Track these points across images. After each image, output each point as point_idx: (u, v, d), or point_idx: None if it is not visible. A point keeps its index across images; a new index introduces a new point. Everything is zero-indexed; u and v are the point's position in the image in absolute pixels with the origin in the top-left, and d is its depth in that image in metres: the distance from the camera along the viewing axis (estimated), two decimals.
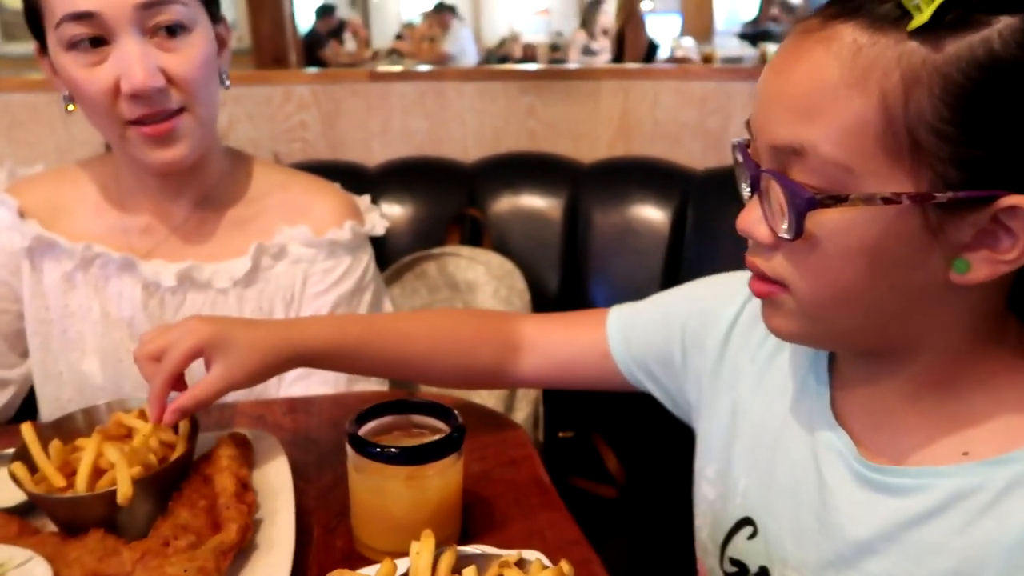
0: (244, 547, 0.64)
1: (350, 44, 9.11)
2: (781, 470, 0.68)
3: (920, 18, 0.48)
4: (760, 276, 0.60)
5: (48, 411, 1.03)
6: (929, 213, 0.51)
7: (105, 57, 0.89)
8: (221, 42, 1.00)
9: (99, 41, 0.89)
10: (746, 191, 0.60)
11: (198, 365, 0.75)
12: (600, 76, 1.64)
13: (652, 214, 1.49)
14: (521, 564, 0.54)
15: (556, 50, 9.05)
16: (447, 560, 0.53)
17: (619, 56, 5.71)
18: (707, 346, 0.79)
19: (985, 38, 0.48)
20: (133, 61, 0.88)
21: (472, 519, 0.75)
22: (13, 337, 1.02)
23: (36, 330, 1.01)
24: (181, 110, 0.93)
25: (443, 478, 0.68)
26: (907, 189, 0.51)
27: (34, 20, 0.93)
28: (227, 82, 1.02)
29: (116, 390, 0.98)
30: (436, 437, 0.69)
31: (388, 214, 1.44)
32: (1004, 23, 0.48)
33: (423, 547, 0.54)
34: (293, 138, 1.64)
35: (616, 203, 1.51)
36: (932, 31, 0.49)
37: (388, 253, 1.42)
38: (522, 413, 1.33)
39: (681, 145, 1.60)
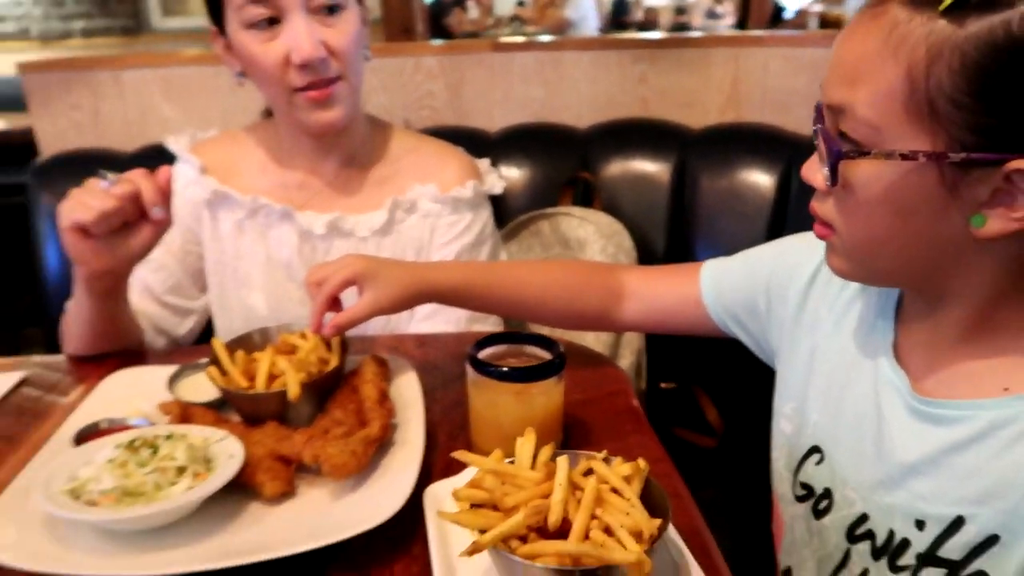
0: (383, 442, 0.79)
1: (473, 12, 9.27)
2: (848, 403, 0.77)
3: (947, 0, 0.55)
4: (819, 220, 0.69)
5: (222, 337, 1.23)
6: (945, 171, 0.58)
7: (277, 34, 1.05)
8: (363, 20, 1.15)
9: (273, 21, 1.05)
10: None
11: (350, 294, 0.90)
12: (711, 44, 1.69)
13: (758, 178, 1.54)
14: (607, 462, 0.66)
15: (680, 14, 8.85)
16: (546, 452, 0.66)
17: (743, 20, 5.57)
18: (789, 296, 0.88)
19: (1005, 20, 0.54)
20: (302, 36, 1.04)
21: (571, 437, 0.87)
22: (196, 274, 1.22)
23: (213, 270, 1.21)
24: (338, 78, 1.08)
25: (546, 396, 0.81)
26: (925, 148, 0.58)
27: (215, 5, 1.10)
28: (368, 55, 1.17)
29: (276, 320, 1.16)
30: (541, 362, 0.82)
31: (506, 176, 1.57)
32: None
33: (526, 441, 0.66)
34: (422, 106, 1.79)
35: (723, 168, 1.57)
36: (960, 11, 0.55)
37: (506, 212, 1.55)
38: (625, 361, 1.44)
39: (790, 112, 1.63)
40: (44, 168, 1.64)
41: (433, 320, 1.17)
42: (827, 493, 0.79)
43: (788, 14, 6.14)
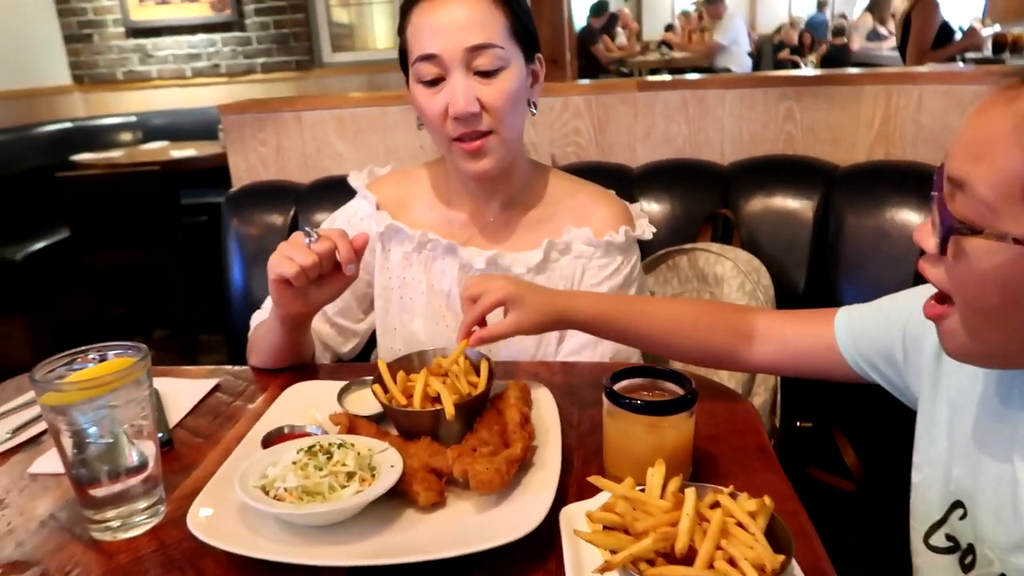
0: (524, 462, 0.87)
1: (621, 38, 9.33)
2: (986, 462, 0.77)
3: None
4: (933, 297, 0.71)
5: (384, 357, 1.35)
6: None
7: (441, 89, 1.17)
8: (535, 77, 1.25)
9: (440, 79, 1.17)
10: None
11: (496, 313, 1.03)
12: (862, 81, 1.67)
13: (908, 217, 1.51)
14: (733, 496, 0.70)
15: (839, 35, 8.52)
16: (675, 483, 0.71)
17: (903, 42, 5.29)
18: (925, 346, 0.88)
19: None
20: (459, 92, 1.15)
21: (700, 470, 0.91)
22: (361, 299, 1.36)
23: (381, 295, 1.34)
24: (489, 132, 1.19)
25: (677, 430, 0.85)
26: None
27: (403, 60, 1.24)
28: (534, 111, 1.26)
29: (433, 344, 1.27)
30: (673, 397, 0.86)
31: (647, 210, 1.62)
32: None
33: (657, 471, 0.72)
34: (568, 142, 1.88)
35: (870, 206, 1.55)
36: None
37: (646, 246, 1.58)
38: (759, 399, 1.44)
39: (945, 150, 1.58)
40: (235, 197, 1.86)
41: (580, 355, 1.24)
42: (971, 549, 0.79)
43: (958, 35, 5.78)
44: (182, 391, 1.16)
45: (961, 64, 4.35)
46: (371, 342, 1.39)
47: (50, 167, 3.71)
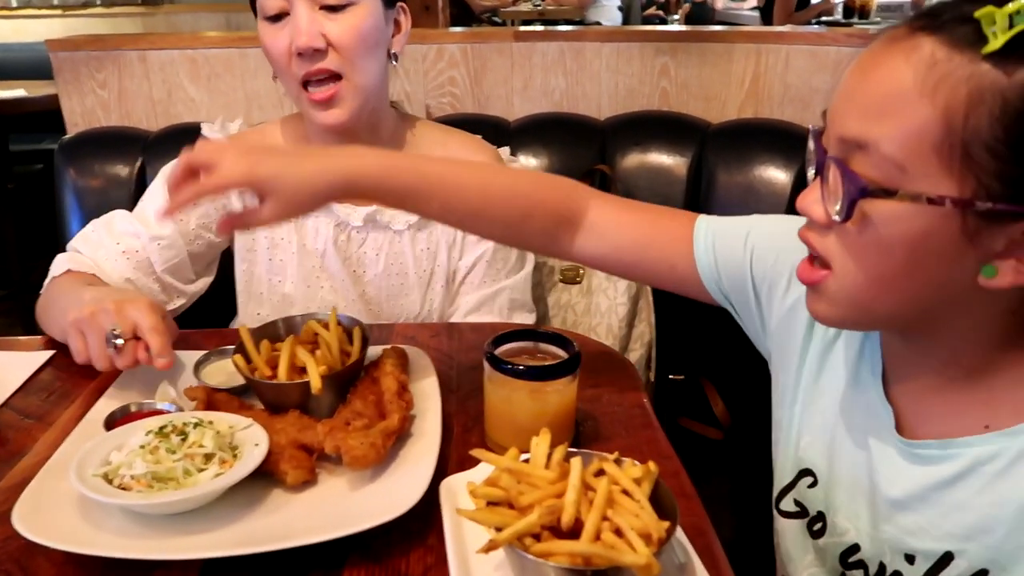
0: (402, 433, 0.82)
1: None
2: (841, 432, 0.77)
3: (994, 44, 0.53)
4: (809, 259, 0.68)
5: (247, 323, 1.25)
6: (968, 218, 0.57)
7: (286, 25, 1.09)
8: (397, 27, 1.17)
9: (283, 15, 1.08)
10: (811, 173, 0.67)
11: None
12: (734, 39, 1.69)
13: (775, 175, 1.55)
14: (618, 463, 0.69)
15: None
16: (559, 452, 0.68)
17: (768, 3, 5.49)
18: (776, 295, 0.84)
19: None
20: (302, 23, 1.06)
21: (583, 433, 0.90)
22: (197, 259, 1.22)
23: (244, 257, 1.23)
24: (339, 77, 1.10)
25: (560, 395, 0.83)
26: (952, 194, 0.56)
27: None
28: (395, 62, 1.18)
29: (306, 308, 1.18)
30: (556, 361, 0.84)
31: (525, 165, 1.58)
32: None
33: (541, 440, 0.69)
34: (443, 93, 1.80)
35: (740, 163, 1.58)
36: (1005, 57, 0.53)
37: None
38: (635, 354, 1.46)
39: (811, 110, 1.63)
40: (70, 144, 1.67)
41: (477, 313, 1.21)
42: (820, 516, 0.79)
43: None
44: (9, 365, 1.03)
45: (814, 27, 4.57)
46: (201, 306, 1.28)
47: None
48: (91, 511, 0.71)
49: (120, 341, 0.90)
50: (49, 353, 1.06)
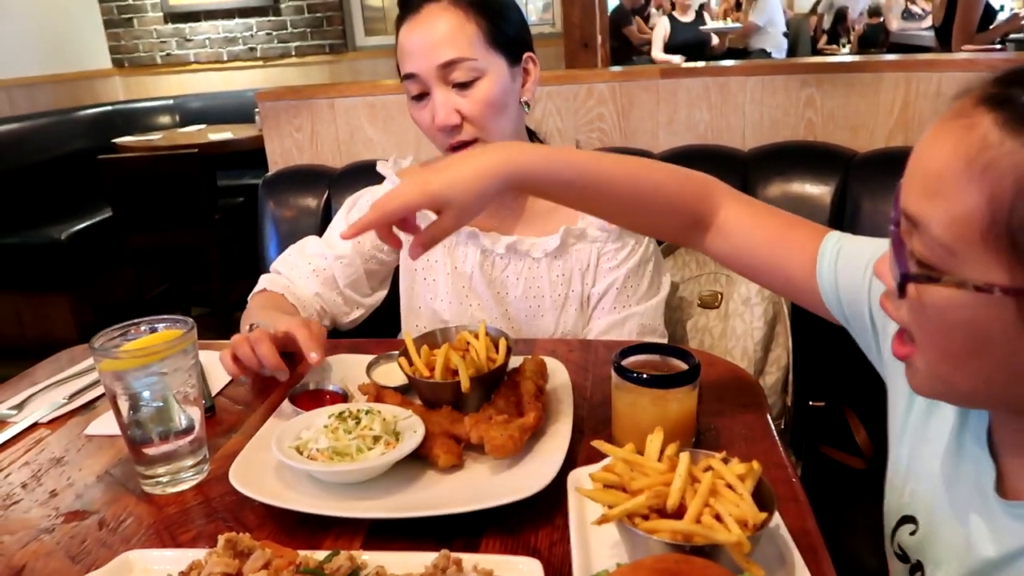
0: (536, 431, 0.93)
1: (654, 19, 9.26)
2: (949, 487, 0.75)
3: None
4: (900, 332, 0.66)
5: (409, 333, 1.43)
6: (1022, 306, 0.54)
7: (427, 104, 1.26)
8: (526, 73, 1.32)
9: (424, 95, 1.26)
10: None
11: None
12: (881, 68, 1.69)
13: None
14: (725, 461, 0.76)
15: (874, 15, 8.37)
16: (672, 448, 0.77)
17: (946, 23, 5.20)
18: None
19: None
20: (437, 106, 1.24)
21: (703, 441, 0.97)
22: (372, 276, 1.42)
23: (406, 275, 1.41)
24: (475, 140, 1.26)
25: (680, 402, 0.91)
26: (1002, 281, 0.54)
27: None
28: (527, 109, 1.33)
29: (456, 322, 1.34)
30: (678, 372, 0.92)
31: None
32: None
33: (655, 437, 0.78)
34: (592, 128, 1.92)
35: (886, 193, 1.58)
36: None
37: None
38: (772, 378, 1.49)
39: None
40: (271, 180, 1.95)
41: (608, 335, 1.32)
42: (919, 566, 0.78)
43: (1002, 16, 5.65)
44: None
45: (998, 47, 4.28)
46: (377, 319, 1.45)
47: (92, 150, 3.86)
48: (285, 475, 0.88)
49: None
50: None
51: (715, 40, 7.38)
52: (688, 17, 7.22)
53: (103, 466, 0.98)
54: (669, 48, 6.95)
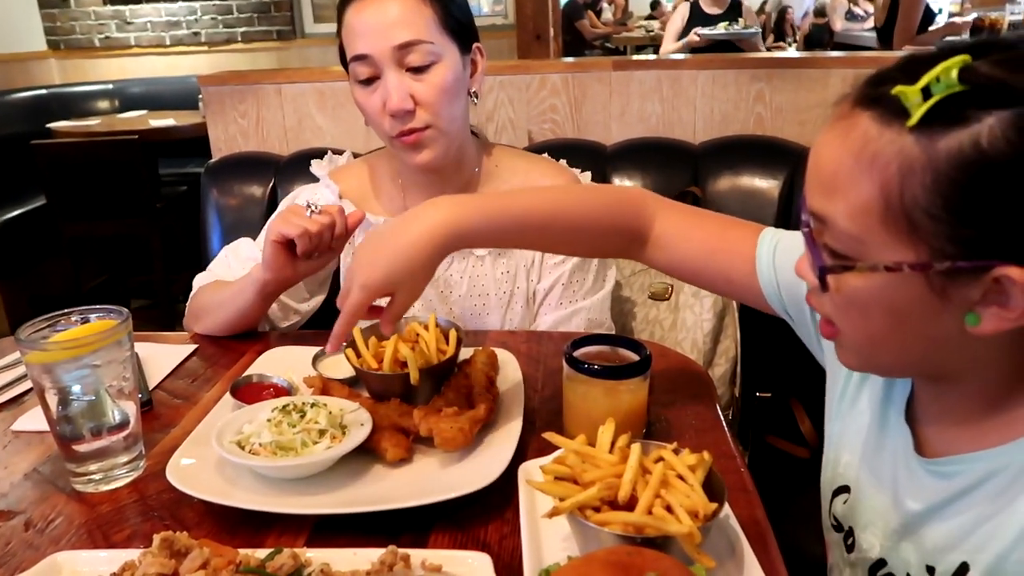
0: (487, 423, 0.92)
1: (606, 13, 9.30)
2: (873, 452, 0.80)
3: (914, 118, 0.56)
4: (823, 320, 0.72)
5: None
6: (932, 279, 0.59)
7: (377, 88, 1.20)
8: (474, 67, 1.28)
9: (374, 79, 1.20)
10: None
11: None
12: (829, 64, 1.72)
13: None
14: (676, 452, 0.76)
15: (820, 16, 8.55)
16: (623, 440, 0.76)
17: (887, 24, 5.34)
18: None
19: (974, 135, 0.54)
20: (392, 89, 1.18)
21: (654, 432, 0.96)
22: (309, 280, 1.35)
23: (347, 277, 1.37)
24: (427, 128, 1.21)
25: (631, 393, 0.91)
26: (908, 259, 0.59)
27: (343, 60, 1.27)
28: (475, 100, 1.30)
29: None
30: (629, 363, 0.92)
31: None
32: (995, 118, 0.54)
33: (607, 428, 0.77)
34: (544, 119, 1.91)
35: None
36: (927, 127, 0.56)
37: None
38: (720, 369, 1.51)
39: None
40: (214, 168, 1.89)
41: (555, 330, 1.30)
42: (851, 532, 0.82)
43: (940, 19, 5.82)
44: (161, 355, 1.20)
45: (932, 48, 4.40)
46: (323, 311, 1.40)
47: (26, 134, 3.69)
48: (227, 471, 0.85)
49: (315, 207, 1.11)
50: (194, 346, 1.24)
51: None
52: (717, 8, 4.70)
53: (30, 463, 0.94)
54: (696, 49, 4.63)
